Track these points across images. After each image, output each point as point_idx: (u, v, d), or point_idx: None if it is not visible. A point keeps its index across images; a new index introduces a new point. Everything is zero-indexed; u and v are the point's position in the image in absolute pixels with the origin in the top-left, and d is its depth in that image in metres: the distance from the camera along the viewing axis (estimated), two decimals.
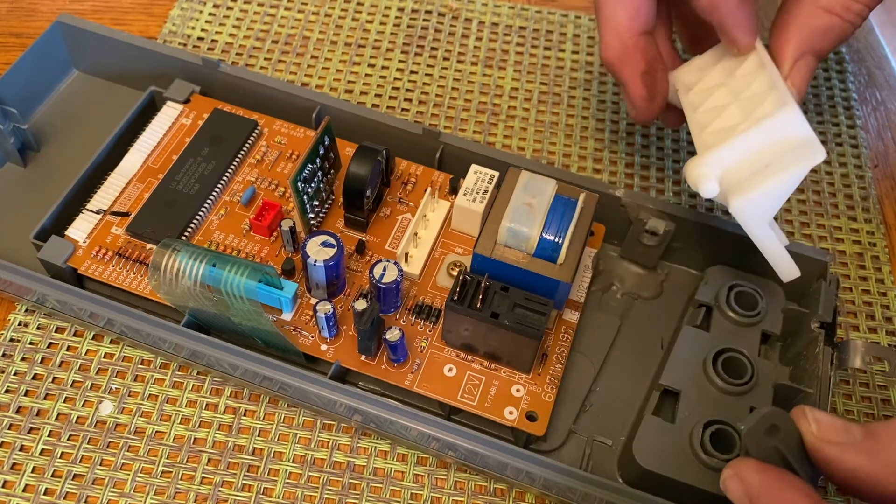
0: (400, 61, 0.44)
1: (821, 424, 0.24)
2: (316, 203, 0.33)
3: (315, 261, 0.30)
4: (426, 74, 0.43)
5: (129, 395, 0.32)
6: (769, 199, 0.28)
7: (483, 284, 0.29)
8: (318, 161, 0.33)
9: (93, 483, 0.30)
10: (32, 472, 0.30)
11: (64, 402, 0.32)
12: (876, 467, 0.22)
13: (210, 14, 0.45)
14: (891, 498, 0.22)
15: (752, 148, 0.28)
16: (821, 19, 0.31)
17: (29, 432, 0.31)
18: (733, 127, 0.29)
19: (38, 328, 0.33)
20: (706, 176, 0.28)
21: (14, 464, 0.30)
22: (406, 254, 0.33)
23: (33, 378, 0.32)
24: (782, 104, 0.28)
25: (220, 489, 0.30)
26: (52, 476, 0.30)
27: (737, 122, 0.29)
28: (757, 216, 0.29)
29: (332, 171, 0.34)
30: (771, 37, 0.32)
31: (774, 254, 0.30)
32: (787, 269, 0.30)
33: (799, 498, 0.22)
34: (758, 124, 0.28)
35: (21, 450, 0.31)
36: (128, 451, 0.31)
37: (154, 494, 0.30)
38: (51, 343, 0.33)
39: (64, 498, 0.30)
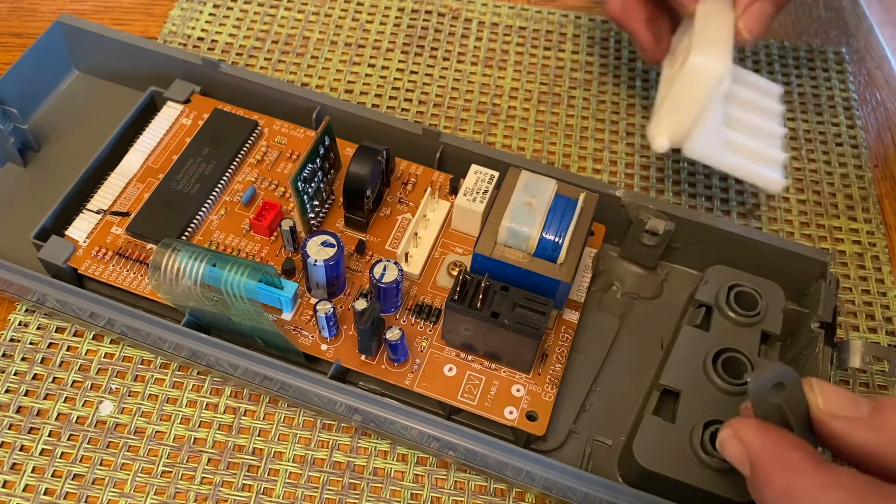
0: (400, 61, 0.44)
1: (828, 397, 0.23)
2: (316, 203, 0.33)
3: (315, 260, 0.30)
4: (426, 74, 0.43)
5: (129, 395, 0.32)
6: (708, 131, 0.32)
7: (483, 284, 0.29)
8: (318, 161, 0.33)
9: (93, 483, 0.30)
10: (32, 472, 0.30)
11: (64, 402, 0.32)
12: (883, 443, 0.22)
13: (210, 14, 0.45)
14: None
15: (683, 98, 0.32)
16: None
17: (29, 432, 0.31)
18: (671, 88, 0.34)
19: (38, 328, 0.33)
20: (655, 135, 0.34)
21: (14, 464, 0.30)
22: (406, 254, 0.33)
23: (33, 378, 0.32)
24: (688, 53, 0.32)
25: (220, 489, 0.30)
26: (52, 476, 0.30)
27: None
28: (706, 150, 0.32)
29: (332, 171, 0.34)
30: None
31: (747, 174, 0.33)
32: (768, 182, 0.33)
33: (802, 458, 0.22)
34: (680, 77, 0.32)
35: (21, 450, 0.31)
36: (128, 451, 0.31)
37: (154, 494, 0.30)
38: (51, 343, 0.33)
39: (64, 498, 0.30)
